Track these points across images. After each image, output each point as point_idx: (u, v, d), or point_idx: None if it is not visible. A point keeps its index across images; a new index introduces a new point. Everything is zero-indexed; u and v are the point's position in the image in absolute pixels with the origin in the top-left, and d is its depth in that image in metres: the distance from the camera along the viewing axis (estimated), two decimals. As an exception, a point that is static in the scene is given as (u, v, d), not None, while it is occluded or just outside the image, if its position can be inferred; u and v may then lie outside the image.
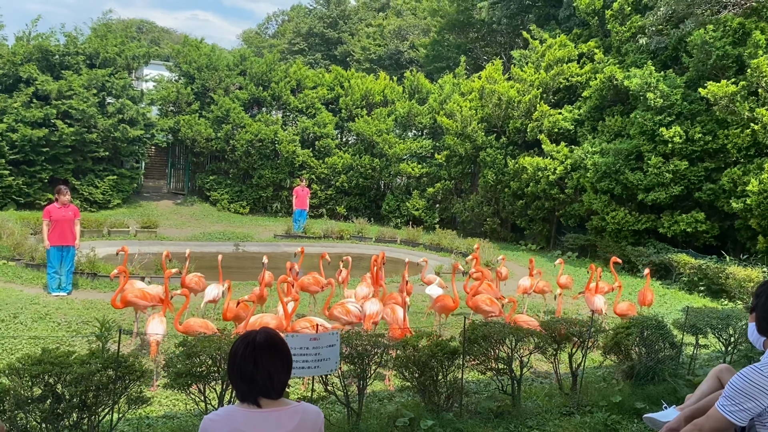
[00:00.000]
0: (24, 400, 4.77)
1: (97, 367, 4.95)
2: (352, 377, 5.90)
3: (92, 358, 5.02)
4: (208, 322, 7.62)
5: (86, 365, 4.92)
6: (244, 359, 2.56)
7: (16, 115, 20.29)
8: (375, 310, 8.38)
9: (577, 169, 18.96)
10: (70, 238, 10.95)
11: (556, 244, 20.57)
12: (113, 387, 5.01)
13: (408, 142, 24.46)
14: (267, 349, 2.59)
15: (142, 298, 8.15)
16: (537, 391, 7.24)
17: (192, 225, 21.15)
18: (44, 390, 4.87)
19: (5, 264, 12.48)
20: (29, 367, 4.84)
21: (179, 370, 5.25)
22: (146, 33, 57.36)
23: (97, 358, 5.02)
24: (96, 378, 4.90)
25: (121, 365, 5.09)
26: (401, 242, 20.10)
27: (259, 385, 2.55)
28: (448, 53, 33.55)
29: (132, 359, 5.19)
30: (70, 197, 11.16)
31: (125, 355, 5.19)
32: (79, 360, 5.00)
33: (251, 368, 2.55)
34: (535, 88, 20.54)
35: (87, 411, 4.92)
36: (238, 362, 2.57)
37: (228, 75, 24.48)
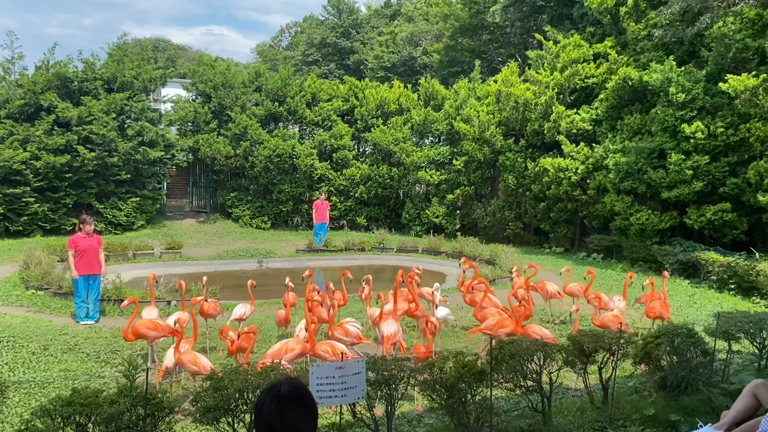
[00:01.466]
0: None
1: (126, 406, 4.98)
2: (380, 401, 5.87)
3: (121, 397, 5.06)
4: (156, 321, 8.10)
5: (115, 405, 4.96)
6: (269, 413, 2.55)
7: (38, 143, 20.66)
8: (392, 331, 8.32)
9: (598, 169, 18.77)
10: (97, 267, 11.12)
11: (581, 245, 20.37)
12: (143, 424, 5.04)
13: (425, 149, 24.42)
14: (291, 402, 2.57)
15: (153, 329, 8.18)
16: (568, 407, 7.14)
17: (215, 243, 21.32)
18: (76, 431, 4.93)
19: (34, 294, 12.68)
20: (60, 408, 4.90)
21: (207, 404, 5.26)
22: (162, 51, 58.10)
23: (126, 396, 5.05)
24: (126, 417, 4.93)
25: (150, 402, 5.12)
26: (423, 251, 20.04)
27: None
28: (462, 57, 33.47)
29: (160, 396, 5.22)
30: (93, 227, 11.31)
31: (153, 392, 5.22)
32: (109, 399, 5.04)
33: (277, 421, 2.54)
34: (551, 90, 20.39)
35: (118, 450, 4.96)
36: (263, 415, 2.56)
37: (244, 92, 24.68)
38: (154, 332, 8.17)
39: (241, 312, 9.69)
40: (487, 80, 25.51)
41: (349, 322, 8.49)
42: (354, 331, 8.27)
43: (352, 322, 8.56)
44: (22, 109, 21.40)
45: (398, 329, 8.39)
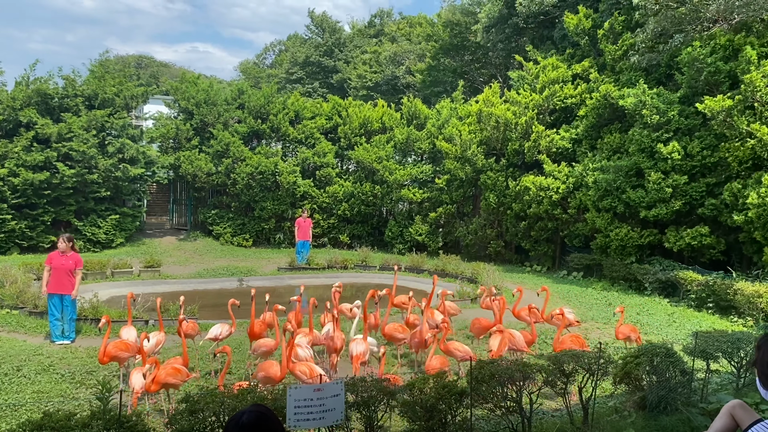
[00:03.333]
0: (25, 467, 4.70)
1: (98, 429, 4.89)
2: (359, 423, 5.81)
3: (94, 420, 4.96)
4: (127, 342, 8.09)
5: (88, 428, 4.86)
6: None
7: (17, 159, 20.40)
8: (361, 350, 8.40)
9: (579, 188, 18.97)
10: (68, 287, 10.84)
11: (561, 264, 20.47)
12: (116, 449, 4.93)
13: (408, 167, 24.50)
14: (255, 430, 2.52)
15: (125, 350, 8.08)
16: (548, 427, 7.11)
17: (196, 261, 21.11)
18: (46, 456, 4.81)
19: (8, 313, 12.43)
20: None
21: (182, 427, 5.17)
22: (145, 68, 57.87)
23: (99, 419, 4.95)
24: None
25: (123, 425, 5.02)
26: (406, 269, 19.98)
27: None
28: (445, 77, 33.76)
29: (135, 419, 5.13)
30: (68, 246, 11.03)
31: (128, 415, 5.12)
32: (81, 422, 4.94)
33: None
34: (531, 110, 20.61)
35: (90, 475, 4.85)
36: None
37: (226, 109, 24.64)
38: (127, 353, 8.04)
39: (217, 332, 9.54)
40: (469, 100, 25.74)
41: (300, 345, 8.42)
42: (303, 354, 8.22)
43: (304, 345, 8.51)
44: (1, 125, 21.14)
45: (367, 348, 8.45)
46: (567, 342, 8.91)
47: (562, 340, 9.01)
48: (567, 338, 9.06)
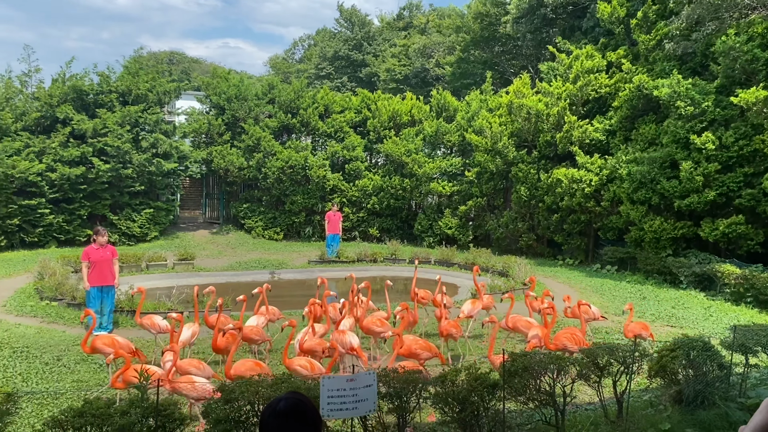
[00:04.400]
0: (68, 453, 4.83)
1: (137, 417, 4.99)
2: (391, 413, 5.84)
3: (132, 408, 5.06)
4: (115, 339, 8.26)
5: (127, 416, 4.96)
6: (272, 428, 2.53)
7: (54, 155, 20.89)
8: (356, 342, 8.50)
9: (612, 180, 18.70)
10: (110, 278, 11.17)
11: (595, 257, 20.22)
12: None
13: (437, 160, 24.42)
14: (291, 417, 2.54)
15: (110, 345, 8.13)
16: (582, 420, 7.05)
17: (228, 254, 21.38)
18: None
19: (48, 304, 12.76)
20: (72, 419, 4.91)
21: (218, 416, 5.25)
22: (177, 64, 58.65)
23: (138, 408, 5.05)
24: (137, 428, 4.93)
25: (161, 413, 5.12)
26: (435, 262, 19.97)
27: None
28: (474, 69, 33.52)
29: (171, 407, 5.22)
30: (107, 238, 11.38)
31: (165, 403, 5.22)
32: (120, 410, 5.04)
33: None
34: (563, 101, 20.35)
35: (129, 461, 4.95)
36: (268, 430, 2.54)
37: (257, 104, 24.84)
38: (110, 349, 8.03)
39: (254, 324, 9.67)
40: (499, 92, 25.51)
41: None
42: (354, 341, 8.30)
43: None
44: (39, 122, 21.66)
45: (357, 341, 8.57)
46: (561, 338, 8.65)
47: (557, 336, 8.78)
48: (562, 334, 8.81)
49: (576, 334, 8.74)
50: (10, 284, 15.19)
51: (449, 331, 9.36)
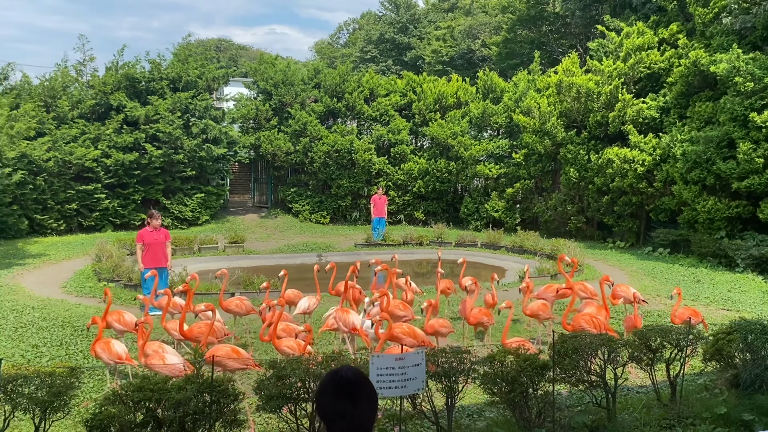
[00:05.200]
0: (128, 425, 5.02)
1: (193, 392, 5.15)
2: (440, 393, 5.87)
3: (188, 384, 5.23)
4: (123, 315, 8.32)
5: (183, 391, 5.13)
6: (332, 399, 2.55)
7: (109, 141, 21.55)
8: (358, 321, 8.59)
9: (666, 160, 18.16)
10: (163, 260, 11.50)
11: (646, 240, 19.75)
12: (209, 411, 5.19)
13: (484, 143, 24.17)
14: (353, 388, 2.58)
15: (118, 321, 8.41)
16: (633, 403, 6.95)
17: (276, 237, 21.72)
18: (146, 415, 5.12)
19: (105, 285, 13.22)
20: (131, 393, 5.10)
21: (270, 393, 5.38)
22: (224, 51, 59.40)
23: (193, 383, 5.22)
24: (192, 403, 5.09)
25: (215, 389, 5.27)
26: (482, 245, 19.86)
27: (349, 424, 2.54)
28: (521, 49, 32.90)
29: (226, 383, 5.37)
30: (161, 221, 11.71)
31: (219, 380, 5.37)
32: (176, 386, 5.22)
33: (340, 407, 2.54)
34: (615, 79, 19.81)
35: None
36: (326, 402, 2.57)
37: (303, 89, 25.02)
38: (120, 326, 8.25)
39: (305, 306, 9.80)
40: (547, 72, 25.00)
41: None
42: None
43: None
44: (94, 109, 22.35)
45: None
46: (579, 321, 8.40)
47: (574, 319, 8.54)
48: (580, 316, 8.58)
49: (596, 317, 8.51)
50: (70, 266, 15.81)
51: (479, 319, 9.07)
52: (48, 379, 5.31)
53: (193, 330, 8.01)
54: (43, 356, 8.94)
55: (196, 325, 8.17)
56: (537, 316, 9.50)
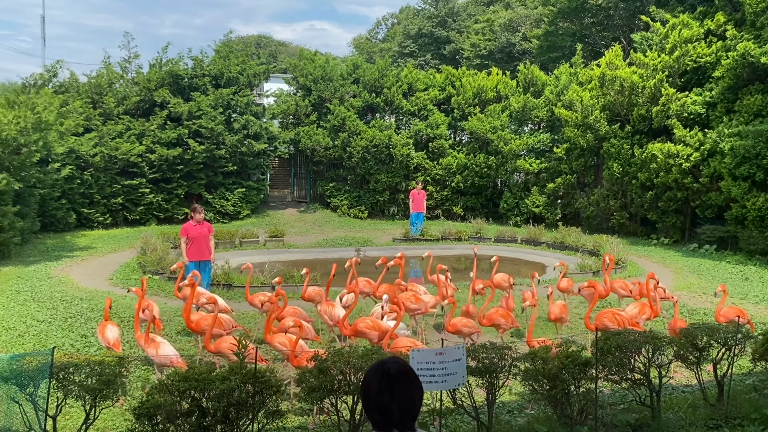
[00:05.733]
0: (174, 414, 5.13)
1: (236, 382, 5.23)
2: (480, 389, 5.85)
3: (232, 374, 5.31)
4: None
5: (227, 381, 5.22)
6: (379, 391, 2.57)
7: (153, 137, 22.03)
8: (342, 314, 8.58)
9: (713, 155, 17.68)
10: (207, 253, 11.71)
11: (692, 236, 19.26)
12: (252, 401, 5.27)
13: (524, 137, 23.90)
14: (401, 379, 2.59)
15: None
16: (678, 402, 6.81)
17: (315, 231, 21.91)
18: (191, 405, 5.23)
19: (150, 278, 13.53)
20: (177, 383, 5.21)
21: (312, 385, 5.44)
22: (264, 48, 60.00)
23: (236, 374, 5.30)
24: (236, 393, 5.18)
25: (259, 380, 5.35)
26: (522, 241, 19.67)
27: (394, 415, 2.55)
28: (563, 42, 32.37)
29: (269, 374, 5.44)
30: (203, 215, 11.94)
31: (262, 371, 5.45)
32: (221, 376, 5.31)
33: (387, 399, 2.55)
34: (659, 72, 19.35)
35: (230, 424, 5.21)
36: (373, 394, 2.58)
37: (342, 84, 25.12)
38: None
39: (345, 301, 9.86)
40: (589, 65, 24.56)
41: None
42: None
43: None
44: (138, 105, 22.86)
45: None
46: (602, 318, 8.22)
47: (598, 316, 8.34)
48: (603, 314, 8.37)
49: (619, 314, 8.30)
50: (116, 259, 16.24)
51: (494, 321, 8.63)
52: (98, 367, 5.47)
53: (200, 323, 8.13)
54: (91, 346, 9.21)
55: (203, 318, 8.28)
56: (561, 320, 9.05)
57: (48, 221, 19.86)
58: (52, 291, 12.56)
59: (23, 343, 9.34)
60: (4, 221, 15.41)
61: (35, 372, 5.42)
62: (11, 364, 5.53)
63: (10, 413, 5.55)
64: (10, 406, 5.54)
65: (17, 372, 5.45)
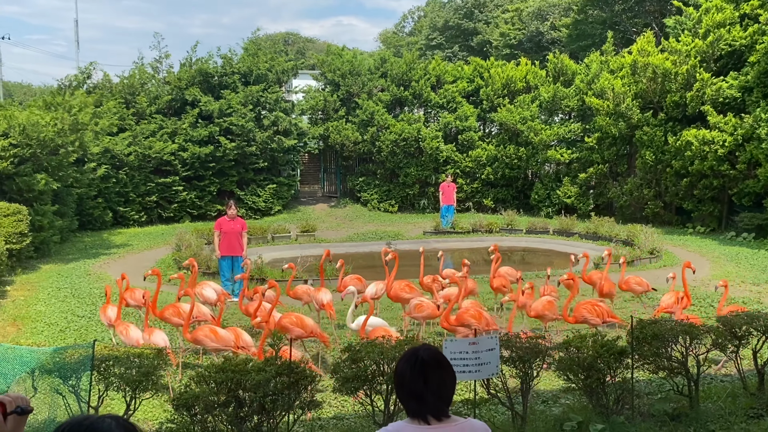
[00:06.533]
0: (211, 404, 5.24)
1: (272, 374, 5.31)
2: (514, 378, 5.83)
3: (267, 366, 5.40)
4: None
5: (263, 372, 5.30)
6: (413, 378, 2.59)
7: (185, 135, 22.35)
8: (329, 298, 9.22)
9: (749, 140, 17.25)
10: (238, 249, 11.86)
11: (729, 224, 18.84)
12: (287, 392, 5.35)
13: (555, 127, 23.61)
14: (433, 366, 2.61)
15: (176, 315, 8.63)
16: (717, 392, 6.69)
17: (346, 226, 22.01)
18: (228, 396, 5.32)
19: (186, 273, 13.74)
20: (214, 374, 5.31)
21: (346, 375, 5.49)
22: (292, 45, 60.30)
23: (272, 365, 5.38)
24: (272, 384, 5.26)
25: (294, 371, 5.41)
26: (554, 232, 19.47)
27: (428, 402, 2.58)
28: (593, 30, 31.91)
29: (303, 366, 5.51)
30: (236, 211, 12.09)
31: (297, 362, 5.52)
32: (256, 367, 5.39)
33: (421, 386, 2.58)
34: (693, 57, 18.93)
35: (266, 414, 5.30)
36: (407, 381, 2.61)
37: (370, 78, 25.13)
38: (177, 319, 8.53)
39: (372, 291, 9.93)
40: (620, 52, 24.13)
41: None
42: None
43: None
44: (170, 104, 23.22)
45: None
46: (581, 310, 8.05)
47: (576, 309, 8.13)
48: (580, 305, 8.15)
49: (598, 305, 8.14)
50: (152, 255, 16.54)
51: (540, 313, 8.37)
52: (137, 360, 5.61)
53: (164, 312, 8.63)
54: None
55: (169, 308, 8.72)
56: (542, 318, 8.51)
57: (85, 220, 20.31)
58: (91, 287, 12.86)
59: (65, 337, 9.59)
60: (44, 220, 15.81)
61: (77, 365, 5.59)
62: (54, 357, 5.70)
63: (53, 404, 5.73)
64: (54, 397, 5.71)
65: (60, 365, 5.62)
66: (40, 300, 11.92)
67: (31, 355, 5.85)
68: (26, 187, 15.35)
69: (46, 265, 15.21)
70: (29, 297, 12.17)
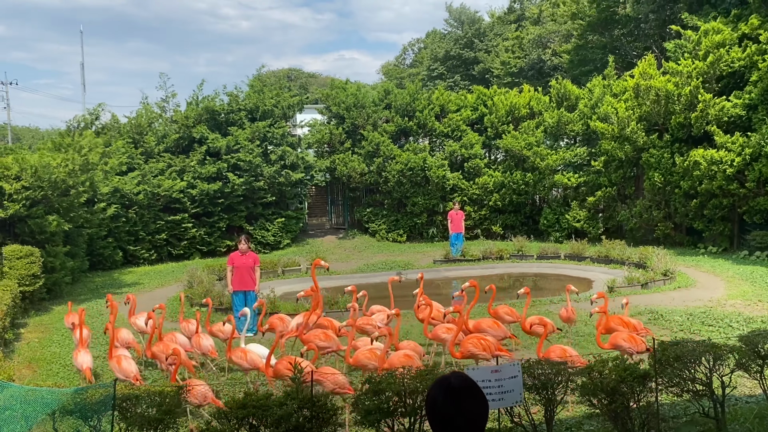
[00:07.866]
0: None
1: (293, 408, 5.28)
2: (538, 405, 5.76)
3: (288, 400, 5.36)
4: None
5: (284, 407, 5.26)
6: (444, 406, 2.55)
7: (193, 172, 22.53)
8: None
9: (757, 158, 17.25)
10: (250, 283, 11.86)
11: (741, 243, 18.73)
12: (309, 426, 5.30)
13: (560, 152, 23.69)
14: (465, 393, 2.57)
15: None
16: (744, 413, 6.59)
17: (355, 257, 21.98)
18: (249, 431, 5.28)
19: (198, 310, 13.73)
20: (235, 410, 5.28)
21: (368, 408, 5.44)
22: (295, 80, 61.07)
23: (293, 399, 5.34)
24: (293, 419, 5.22)
25: (315, 405, 5.37)
26: (565, 257, 19.39)
27: (461, 429, 2.54)
28: (593, 55, 32.19)
29: (324, 399, 5.47)
30: (247, 246, 12.11)
31: (318, 395, 5.48)
32: (278, 402, 5.36)
33: (454, 413, 2.54)
34: (694, 79, 19.06)
35: (289, 450, 5.25)
36: (438, 409, 2.57)
37: (374, 110, 25.38)
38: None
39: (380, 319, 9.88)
40: (622, 76, 24.32)
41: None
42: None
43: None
44: (178, 143, 23.45)
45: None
46: (467, 346, 7.65)
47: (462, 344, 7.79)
48: (465, 341, 7.76)
49: (484, 339, 7.66)
50: (164, 293, 16.53)
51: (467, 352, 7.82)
52: (158, 398, 5.58)
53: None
54: (146, 378, 9.36)
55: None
56: (438, 339, 8.65)
57: (96, 260, 20.36)
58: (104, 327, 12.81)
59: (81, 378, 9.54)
60: (56, 261, 15.87)
61: (98, 404, 5.55)
62: (75, 398, 5.68)
63: (75, 446, 5.68)
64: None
65: (81, 405, 5.58)
66: (54, 341, 11.92)
67: (51, 396, 5.83)
68: (38, 229, 15.43)
69: (59, 306, 15.20)
70: (43, 339, 12.16)
